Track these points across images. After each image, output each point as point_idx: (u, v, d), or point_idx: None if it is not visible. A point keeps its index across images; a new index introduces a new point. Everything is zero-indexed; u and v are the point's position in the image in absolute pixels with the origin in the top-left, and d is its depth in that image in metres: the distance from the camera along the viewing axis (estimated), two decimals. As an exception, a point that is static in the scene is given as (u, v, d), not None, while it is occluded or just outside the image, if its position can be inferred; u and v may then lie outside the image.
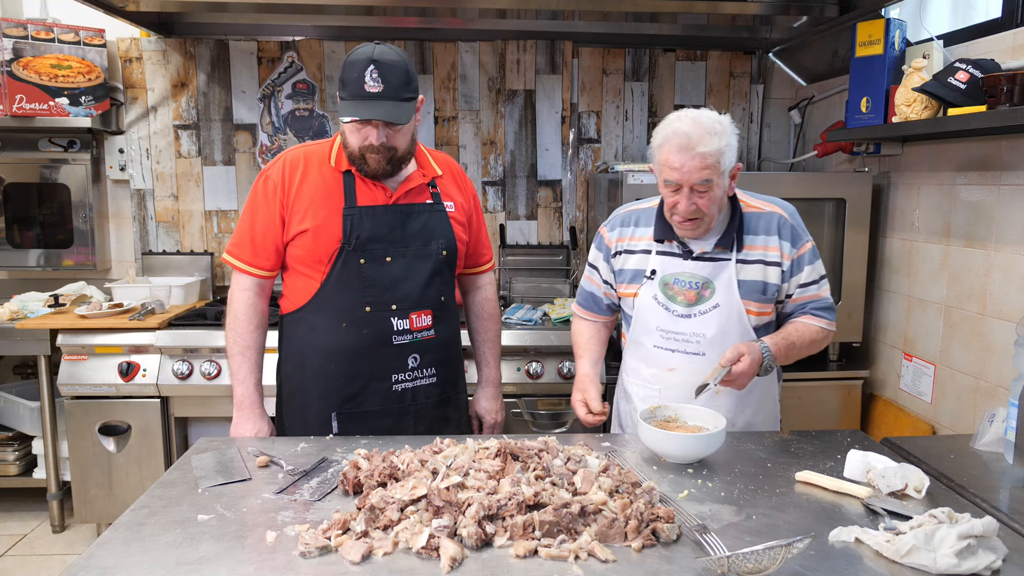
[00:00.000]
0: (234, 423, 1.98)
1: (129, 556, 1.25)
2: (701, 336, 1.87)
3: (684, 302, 1.89)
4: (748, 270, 1.86)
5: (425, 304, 1.98)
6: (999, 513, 1.43)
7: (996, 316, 2.37)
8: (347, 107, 1.82)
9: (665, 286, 1.91)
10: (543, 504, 1.32)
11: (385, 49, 1.84)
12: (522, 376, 3.00)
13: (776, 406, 2.04)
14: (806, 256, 1.88)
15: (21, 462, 3.43)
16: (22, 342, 3.15)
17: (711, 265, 1.87)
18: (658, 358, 1.94)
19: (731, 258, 1.86)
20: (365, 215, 1.92)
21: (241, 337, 1.97)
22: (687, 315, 1.89)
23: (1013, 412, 1.69)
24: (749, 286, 1.86)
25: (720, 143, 1.72)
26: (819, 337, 1.91)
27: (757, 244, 1.87)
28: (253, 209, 1.96)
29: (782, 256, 1.86)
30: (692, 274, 1.89)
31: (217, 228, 3.74)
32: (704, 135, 1.72)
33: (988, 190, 2.40)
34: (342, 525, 1.31)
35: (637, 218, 2.00)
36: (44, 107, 3.36)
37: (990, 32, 2.41)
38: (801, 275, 1.88)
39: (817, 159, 3.37)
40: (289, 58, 3.63)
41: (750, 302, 1.87)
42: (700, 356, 1.87)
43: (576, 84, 3.73)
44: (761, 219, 1.89)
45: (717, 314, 1.86)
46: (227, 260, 1.99)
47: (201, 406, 3.08)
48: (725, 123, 1.77)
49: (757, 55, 3.74)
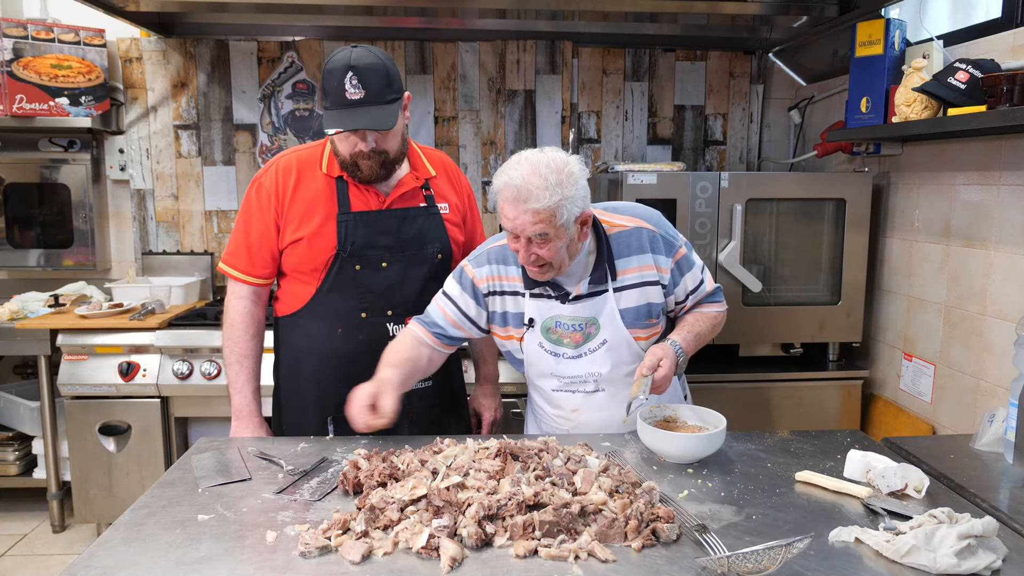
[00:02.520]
0: (232, 431, 1.97)
1: (129, 556, 1.25)
2: (596, 375, 1.83)
3: (571, 344, 1.81)
4: (628, 296, 1.79)
5: (421, 309, 1.96)
6: (999, 513, 1.43)
7: (996, 316, 2.37)
8: (331, 117, 1.78)
9: (548, 331, 1.81)
10: (543, 504, 1.32)
11: (362, 52, 1.78)
12: (522, 376, 2.99)
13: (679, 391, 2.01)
14: (683, 262, 1.84)
15: (21, 462, 3.43)
16: (22, 342, 3.15)
17: (590, 303, 1.78)
18: (560, 400, 1.89)
19: (608, 289, 1.78)
20: (359, 221, 1.91)
21: (238, 346, 1.96)
22: (577, 356, 1.81)
23: (1013, 412, 1.69)
24: (632, 313, 1.80)
25: (553, 199, 1.58)
26: (718, 320, 1.92)
27: (631, 266, 1.79)
28: (248, 218, 1.95)
29: (659, 271, 1.80)
30: (573, 316, 1.79)
31: (217, 228, 3.74)
32: (535, 191, 1.58)
33: (988, 190, 2.40)
34: (342, 525, 1.31)
35: (506, 256, 1.83)
36: (44, 107, 3.36)
37: (990, 32, 2.41)
38: (686, 281, 1.85)
39: (817, 159, 3.37)
40: (289, 58, 3.63)
41: (637, 329, 1.80)
42: (601, 392, 1.85)
43: (576, 84, 3.73)
44: (630, 238, 1.80)
45: (606, 350, 1.80)
46: (223, 270, 1.98)
47: (201, 406, 3.08)
48: (568, 172, 1.62)
49: (757, 55, 3.74)
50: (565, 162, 1.63)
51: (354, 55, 1.77)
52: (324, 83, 1.80)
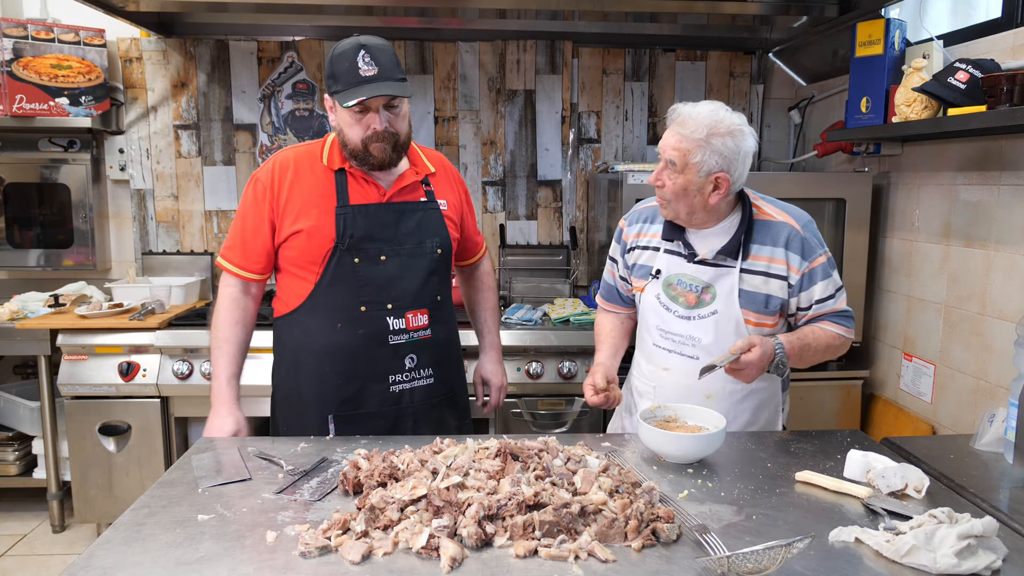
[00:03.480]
0: (206, 428, 1.92)
1: (129, 556, 1.25)
2: (697, 340, 1.86)
3: (684, 304, 1.88)
4: (751, 280, 1.84)
5: (421, 303, 1.97)
6: (999, 513, 1.43)
7: (996, 316, 2.37)
8: (346, 95, 1.80)
9: (668, 286, 1.91)
10: (543, 504, 1.32)
11: (370, 36, 1.85)
12: (522, 376, 3.00)
13: (778, 415, 1.98)
14: (819, 270, 1.83)
15: (21, 462, 3.43)
16: (22, 342, 3.15)
17: (713, 270, 1.86)
18: (655, 356, 1.94)
19: (735, 266, 1.84)
20: (358, 214, 1.91)
21: (220, 331, 1.95)
22: (686, 317, 1.88)
23: (1013, 412, 1.69)
24: (750, 296, 1.84)
25: (698, 135, 1.73)
26: (836, 343, 1.87)
27: (763, 255, 1.84)
28: (244, 212, 1.96)
29: (789, 269, 1.82)
30: (693, 277, 1.87)
31: (217, 228, 3.74)
32: (691, 122, 1.74)
33: (988, 190, 2.40)
34: (342, 525, 1.31)
35: (653, 215, 1.99)
36: (44, 107, 3.36)
37: (990, 32, 2.41)
38: (815, 289, 1.84)
39: (817, 159, 3.37)
40: (289, 58, 3.63)
41: (749, 312, 1.84)
42: (694, 360, 1.86)
43: (576, 84, 3.73)
44: (771, 229, 1.85)
45: (714, 320, 1.85)
46: (219, 263, 1.99)
47: (201, 406, 3.07)
48: (728, 130, 1.74)
49: (757, 55, 3.74)
50: (732, 123, 1.76)
51: (363, 38, 1.83)
52: (334, 67, 1.82)
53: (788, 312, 1.89)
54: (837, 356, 1.94)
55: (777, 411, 1.98)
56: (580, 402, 3.05)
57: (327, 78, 1.84)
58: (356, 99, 1.79)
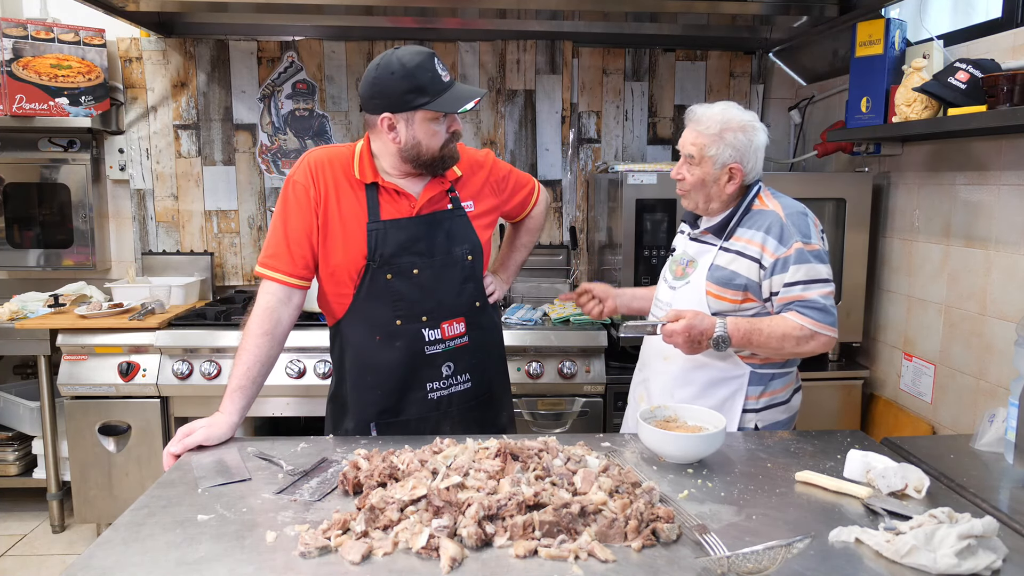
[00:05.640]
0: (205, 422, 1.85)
1: (129, 556, 1.25)
2: (671, 307, 1.96)
3: (674, 276, 2.05)
4: (725, 257, 1.94)
5: (457, 312, 1.94)
6: (999, 513, 1.43)
7: (996, 316, 2.37)
8: (444, 104, 1.76)
9: (672, 261, 2.10)
10: (543, 504, 1.32)
11: (410, 44, 1.86)
12: (522, 376, 3.00)
13: (737, 401, 1.95)
14: (793, 256, 1.85)
15: (21, 462, 3.44)
16: (22, 342, 3.15)
17: (699, 246, 2.01)
18: None
19: (717, 244, 1.96)
20: (390, 229, 1.87)
21: (245, 339, 1.89)
22: (672, 287, 2.03)
23: (1013, 412, 1.69)
24: (719, 271, 1.93)
25: (713, 130, 1.88)
26: (796, 333, 1.83)
27: (744, 237, 1.92)
28: (284, 216, 1.88)
29: (763, 252, 1.87)
30: (684, 252, 2.05)
31: (217, 228, 3.74)
32: (706, 119, 1.90)
33: (988, 190, 2.40)
34: (342, 525, 1.31)
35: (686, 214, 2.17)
36: (44, 107, 3.36)
37: (990, 32, 2.41)
38: (786, 274, 1.85)
39: (817, 159, 3.37)
40: (289, 58, 3.63)
41: (712, 284, 1.93)
42: None
43: (576, 84, 3.73)
44: (760, 216, 1.93)
45: (687, 290, 1.98)
46: (258, 272, 1.90)
47: (201, 406, 3.08)
48: (740, 125, 1.89)
49: (757, 55, 3.74)
50: (743, 119, 1.91)
51: (416, 46, 1.82)
52: (417, 79, 1.74)
53: (763, 297, 1.91)
54: (811, 353, 1.87)
55: (736, 397, 1.95)
56: (580, 402, 3.05)
57: (405, 93, 1.75)
58: (467, 105, 1.76)
